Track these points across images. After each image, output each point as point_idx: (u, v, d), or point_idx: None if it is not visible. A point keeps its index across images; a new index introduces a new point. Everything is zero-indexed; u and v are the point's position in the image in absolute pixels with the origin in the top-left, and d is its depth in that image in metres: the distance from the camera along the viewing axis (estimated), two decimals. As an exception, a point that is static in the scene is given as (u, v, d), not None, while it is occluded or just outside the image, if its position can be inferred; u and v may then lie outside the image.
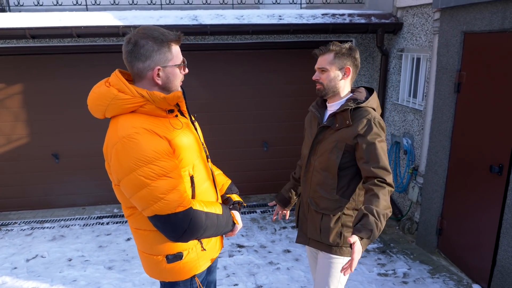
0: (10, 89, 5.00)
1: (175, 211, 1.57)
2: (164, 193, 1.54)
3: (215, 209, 1.77)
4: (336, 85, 2.13)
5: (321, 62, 2.14)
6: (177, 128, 1.67)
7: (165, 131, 1.61)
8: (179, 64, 1.70)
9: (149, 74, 1.63)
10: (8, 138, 5.15)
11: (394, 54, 4.92)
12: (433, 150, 3.98)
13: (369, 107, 2.09)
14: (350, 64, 2.12)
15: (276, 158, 5.64)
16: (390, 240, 4.43)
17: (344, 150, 2.08)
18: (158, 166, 1.53)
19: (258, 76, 5.35)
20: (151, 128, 1.57)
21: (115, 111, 1.61)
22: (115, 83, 1.62)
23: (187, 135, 1.73)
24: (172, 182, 1.56)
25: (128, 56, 1.62)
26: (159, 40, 1.59)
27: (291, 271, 3.82)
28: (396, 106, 4.93)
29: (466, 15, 3.43)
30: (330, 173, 2.13)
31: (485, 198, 3.37)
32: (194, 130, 1.85)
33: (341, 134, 2.08)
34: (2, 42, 4.72)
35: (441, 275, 3.71)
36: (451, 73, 3.66)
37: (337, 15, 4.74)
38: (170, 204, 1.55)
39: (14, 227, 4.98)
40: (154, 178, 1.52)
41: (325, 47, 2.13)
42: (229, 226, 1.87)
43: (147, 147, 1.52)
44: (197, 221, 1.63)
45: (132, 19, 4.39)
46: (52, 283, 3.71)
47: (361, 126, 2.02)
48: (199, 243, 1.81)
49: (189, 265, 1.80)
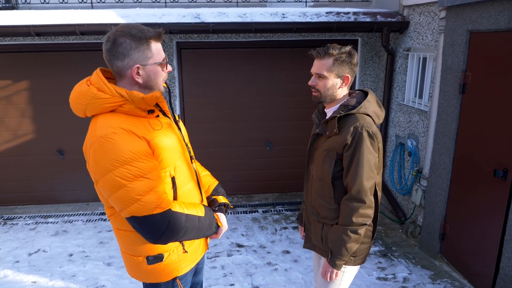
0: (17, 86, 5.07)
1: (152, 213, 1.54)
2: (140, 194, 1.52)
3: (196, 211, 1.74)
4: (334, 93, 2.03)
5: (318, 67, 2.00)
6: (156, 129, 1.64)
7: (144, 132, 1.59)
8: (161, 62, 1.65)
9: (128, 73, 1.60)
10: (15, 134, 5.23)
11: (400, 54, 4.81)
12: (437, 153, 3.88)
13: (361, 113, 1.98)
14: (348, 72, 2.01)
15: (280, 157, 5.59)
16: (392, 244, 4.34)
17: (336, 159, 2.01)
18: (135, 167, 1.51)
19: (262, 75, 5.30)
20: (130, 128, 1.55)
21: (94, 110, 1.59)
22: (95, 81, 1.60)
23: (168, 136, 1.69)
24: (149, 183, 1.54)
25: (107, 55, 1.60)
26: (137, 37, 1.56)
27: (288, 273, 3.78)
28: (401, 107, 4.83)
29: (472, 14, 3.32)
30: (325, 182, 2.08)
31: (489, 203, 3.27)
32: (177, 130, 1.81)
33: (331, 143, 2.02)
34: (8, 39, 4.78)
35: (443, 281, 3.62)
36: (456, 74, 3.56)
37: (342, 13, 4.66)
38: (147, 205, 1.53)
39: (19, 221, 5.05)
40: (130, 179, 1.50)
41: (323, 50, 1.98)
42: (212, 229, 1.84)
43: (124, 147, 1.50)
44: (176, 223, 1.60)
45: (134, 16, 4.40)
46: (51, 278, 3.75)
47: (349, 135, 1.93)
48: (180, 245, 1.78)
49: (170, 267, 1.78)
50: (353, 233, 1.97)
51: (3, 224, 4.96)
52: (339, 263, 2.05)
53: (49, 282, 3.68)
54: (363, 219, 1.97)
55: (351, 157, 1.94)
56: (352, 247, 2.01)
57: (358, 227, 1.97)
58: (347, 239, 1.98)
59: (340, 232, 1.99)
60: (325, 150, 2.05)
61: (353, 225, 1.96)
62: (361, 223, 1.97)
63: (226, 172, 5.58)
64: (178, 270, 1.81)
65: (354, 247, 2.02)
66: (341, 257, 2.02)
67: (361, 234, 2.00)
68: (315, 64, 2.03)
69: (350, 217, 1.95)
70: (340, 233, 1.99)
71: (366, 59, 5.23)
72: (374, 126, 1.98)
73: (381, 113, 2.09)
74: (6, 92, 5.07)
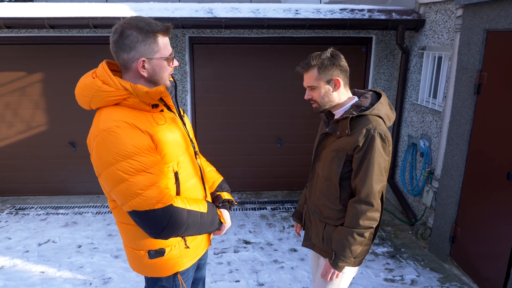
0: (31, 78, 5.13)
1: (153, 208, 1.54)
2: (142, 188, 1.51)
3: (199, 207, 1.72)
4: (330, 99, 2.02)
5: (307, 81, 2.02)
6: (160, 124, 1.63)
7: (147, 126, 1.58)
8: (167, 57, 1.63)
9: (134, 66, 1.59)
10: (28, 125, 5.30)
11: (415, 52, 4.72)
12: (449, 154, 3.80)
13: (374, 115, 1.94)
14: (337, 74, 1.97)
15: (289, 155, 5.56)
16: (401, 245, 4.28)
17: (345, 160, 1.97)
18: (137, 161, 1.50)
19: (274, 71, 5.27)
20: (133, 122, 1.54)
21: (99, 103, 1.59)
22: (100, 74, 1.59)
23: (172, 131, 1.68)
24: (151, 178, 1.53)
25: (114, 47, 1.59)
26: (144, 30, 1.55)
27: (295, 271, 3.76)
28: (415, 106, 4.75)
29: (490, 12, 3.23)
30: (332, 183, 2.05)
31: (502, 207, 3.19)
32: (181, 125, 1.80)
33: (341, 143, 1.98)
34: (24, 31, 4.84)
35: (452, 284, 3.55)
36: (471, 73, 3.47)
37: (356, 10, 4.59)
38: (148, 200, 1.52)
39: (31, 211, 5.13)
40: (132, 173, 1.50)
41: (305, 63, 2.01)
42: (214, 225, 1.82)
43: (127, 141, 1.49)
44: (177, 218, 1.60)
45: (147, 10, 4.41)
46: (59, 268, 3.79)
47: (361, 136, 1.89)
48: (182, 241, 1.78)
49: (171, 262, 1.78)
50: (359, 236, 1.95)
51: (15, 214, 5.04)
52: (342, 264, 2.02)
53: (57, 272, 3.73)
54: (370, 222, 1.94)
55: (362, 159, 1.91)
56: (357, 249, 1.99)
57: (365, 230, 1.95)
58: (352, 241, 1.95)
59: (346, 234, 1.97)
60: (334, 150, 2.01)
61: (360, 227, 1.94)
62: (367, 226, 1.95)
63: (236, 168, 5.57)
64: (179, 265, 1.81)
65: (358, 250, 2.00)
66: (345, 259, 2.00)
67: (366, 237, 1.98)
68: (304, 78, 2.05)
69: (357, 219, 1.93)
70: (346, 234, 1.97)
71: (380, 57, 5.15)
72: (386, 129, 1.95)
73: (392, 116, 2.05)
74: (21, 83, 5.14)
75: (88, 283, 3.56)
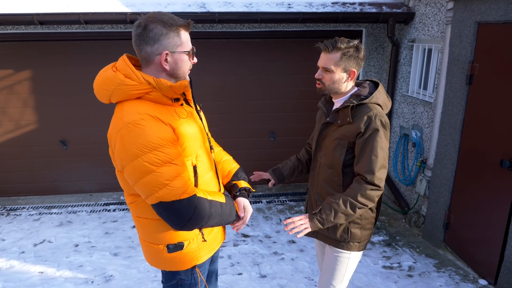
0: (19, 75, 5.01)
1: (179, 198, 1.55)
2: (169, 179, 1.53)
3: (218, 198, 1.75)
4: (339, 87, 2.05)
5: (326, 61, 2.00)
6: (182, 117, 1.65)
7: (170, 119, 1.59)
8: (188, 51, 1.66)
9: (156, 59, 1.60)
10: (17, 124, 5.18)
11: (405, 45, 4.82)
12: (442, 143, 3.91)
13: (373, 103, 2.01)
14: (355, 67, 2.02)
15: (283, 148, 5.61)
16: (396, 233, 4.39)
17: (347, 147, 2.03)
18: (163, 152, 1.51)
19: (267, 65, 5.29)
20: (156, 115, 1.55)
21: (120, 97, 1.59)
22: (122, 68, 1.59)
23: (191, 125, 1.70)
24: (176, 169, 1.55)
25: (137, 40, 1.59)
26: (168, 24, 1.57)
27: (295, 262, 3.82)
28: (405, 98, 4.85)
29: (481, 5, 3.33)
30: (335, 170, 2.10)
31: (495, 193, 3.31)
32: (198, 119, 1.83)
33: (343, 131, 2.04)
34: (11, 27, 4.72)
35: (447, 269, 3.68)
36: (463, 65, 3.58)
37: (348, 4, 4.65)
38: (174, 190, 1.54)
39: (23, 212, 5.03)
40: (159, 164, 1.51)
41: (331, 43, 1.97)
42: (232, 216, 1.85)
43: (152, 133, 1.50)
44: (201, 208, 1.62)
45: (139, 6, 4.35)
46: (58, 268, 3.75)
47: (362, 123, 1.95)
48: (200, 234, 1.80)
49: (190, 255, 1.80)
50: (350, 208, 1.96)
51: (6, 215, 4.94)
52: (316, 224, 1.99)
53: (57, 272, 3.69)
54: (366, 201, 1.96)
55: (364, 144, 1.96)
56: (340, 218, 1.98)
57: (359, 204, 1.96)
58: (342, 208, 1.96)
59: (339, 198, 1.98)
60: (337, 139, 2.07)
61: (355, 200, 1.96)
62: (362, 203, 1.96)
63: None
64: (197, 259, 1.83)
65: (340, 220, 1.99)
66: (324, 219, 1.98)
67: (355, 213, 1.98)
68: (322, 57, 2.03)
69: (356, 193, 1.95)
70: (339, 199, 1.98)
71: (370, 50, 5.23)
72: (385, 116, 2.02)
73: (388, 104, 2.13)
74: (8, 81, 5.02)
75: (90, 282, 3.54)
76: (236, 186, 2.01)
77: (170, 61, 1.61)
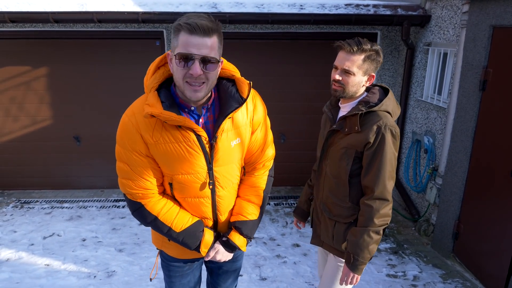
0: (36, 72, 5.15)
1: (125, 193, 1.72)
2: (120, 175, 1.70)
3: (175, 224, 1.71)
4: (357, 90, 1.96)
5: (348, 63, 1.87)
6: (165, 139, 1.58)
7: (148, 130, 1.58)
8: (176, 54, 1.44)
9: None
10: (33, 119, 5.33)
11: (420, 48, 4.70)
12: (454, 151, 3.79)
13: (383, 110, 1.91)
14: (374, 71, 1.95)
15: (293, 150, 5.56)
16: (404, 241, 4.28)
17: (354, 157, 1.95)
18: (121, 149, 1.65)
19: (278, 67, 5.26)
20: (140, 119, 1.58)
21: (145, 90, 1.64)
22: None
23: (176, 149, 1.59)
24: (127, 171, 1.66)
25: None
26: (176, 24, 1.47)
27: (297, 266, 3.77)
28: (419, 103, 4.73)
29: (496, 8, 3.21)
30: (341, 180, 2.01)
31: (505, 204, 3.18)
32: (198, 149, 1.61)
33: (350, 140, 1.95)
34: (28, 25, 4.85)
35: (454, 280, 3.56)
36: (477, 70, 3.45)
37: (361, 5, 4.57)
38: (121, 185, 1.71)
39: (36, 205, 5.17)
40: (117, 158, 1.69)
41: (356, 44, 1.85)
42: (189, 246, 1.77)
43: (120, 128, 1.63)
44: (140, 216, 1.73)
45: (152, 5, 4.40)
46: (64, 261, 3.83)
47: (372, 133, 1.86)
48: None
49: (156, 236, 1.94)
50: (375, 234, 1.92)
51: (20, 208, 5.08)
52: (361, 267, 1.97)
53: (62, 265, 3.77)
54: (384, 219, 1.92)
55: (373, 156, 1.89)
56: (374, 248, 1.95)
57: (380, 227, 1.92)
58: (369, 240, 1.91)
59: (362, 234, 1.92)
60: (343, 148, 1.98)
61: (375, 226, 1.91)
62: (382, 224, 1.92)
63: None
64: (163, 246, 1.93)
65: (375, 249, 1.96)
66: (364, 260, 1.94)
67: (381, 234, 1.95)
68: (343, 58, 1.90)
69: (372, 218, 1.90)
70: (362, 235, 1.92)
71: (385, 53, 5.13)
72: (395, 124, 1.93)
73: (397, 111, 2.04)
74: (26, 78, 5.16)
75: (93, 276, 3.59)
76: (225, 235, 1.86)
77: (170, 64, 1.53)
